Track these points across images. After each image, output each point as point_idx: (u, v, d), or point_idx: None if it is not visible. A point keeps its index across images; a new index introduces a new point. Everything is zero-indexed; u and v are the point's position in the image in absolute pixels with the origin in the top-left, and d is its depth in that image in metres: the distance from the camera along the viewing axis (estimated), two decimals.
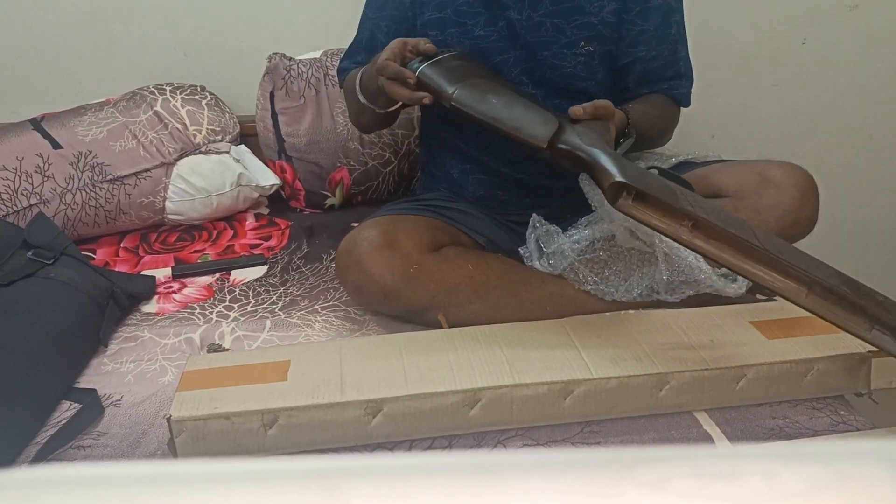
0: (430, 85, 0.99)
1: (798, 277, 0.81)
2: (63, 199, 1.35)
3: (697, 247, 0.83)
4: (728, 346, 0.94)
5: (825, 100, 1.77)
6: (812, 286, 0.80)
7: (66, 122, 1.43)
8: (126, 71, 1.62)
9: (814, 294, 0.81)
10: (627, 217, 0.86)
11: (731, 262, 0.82)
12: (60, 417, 0.92)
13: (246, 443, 0.83)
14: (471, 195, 1.23)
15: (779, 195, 1.04)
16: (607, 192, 0.86)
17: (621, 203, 0.85)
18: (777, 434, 0.88)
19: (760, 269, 0.82)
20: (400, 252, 1.06)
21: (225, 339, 1.09)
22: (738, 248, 0.82)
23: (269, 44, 1.57)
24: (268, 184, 1.49)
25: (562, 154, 0.93)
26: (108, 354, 1.06)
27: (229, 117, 1.53)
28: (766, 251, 0.81)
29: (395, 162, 1.53)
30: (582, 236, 1.11)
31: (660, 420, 0.90)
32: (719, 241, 0.82)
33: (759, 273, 0.82)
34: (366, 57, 1.22)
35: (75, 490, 0.25)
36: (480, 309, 1.07)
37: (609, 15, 1.11)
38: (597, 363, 0.90)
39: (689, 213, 0.82)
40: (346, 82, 1.24)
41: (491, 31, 1.13)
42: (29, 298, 1.04)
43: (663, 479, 0.24)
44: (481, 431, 0.88)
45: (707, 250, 0.83)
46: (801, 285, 0.81)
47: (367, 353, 0.93)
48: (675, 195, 0.84)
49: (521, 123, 0.94)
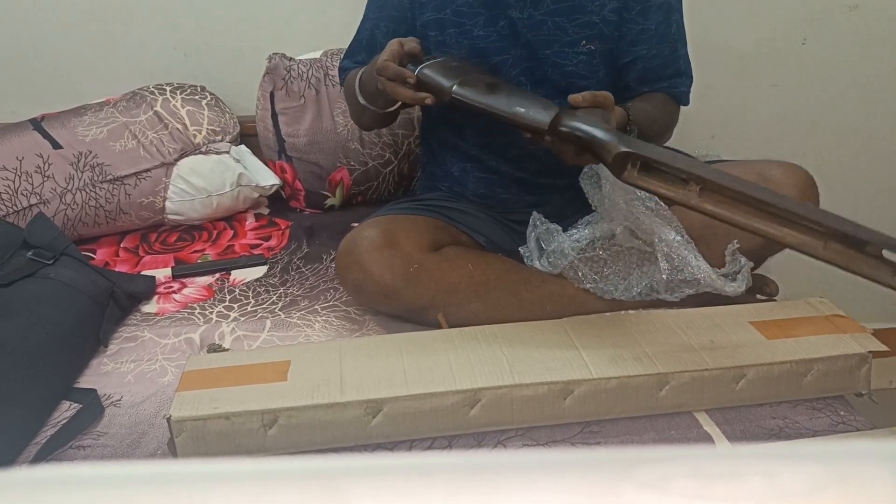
0: (430, 83, 0.99)
1: (813, 231, 0.78)
2: (63, 199, 1.35)
3: (707, 210, 0.82)
4: (728, 346, 0.94)
5: (825, 100, 1.77)
6: (828, 238, 0.78)
7: (66, 122, 1.42)
8: (126, 71, 1.62)
9: (832, 246, 0.78)
10: (629, 214, 0.86)
11: (743, 222, 0.81)
12: (60, 417, 0.92)
13: (246, 443, 0.83)
14: (471, 194, 1.23)
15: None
16: (612, 164, 0.85)
17: (627, 174, 0.85)
18: (777, 434, 0.88)
19: (773, 226, 0.80)
20: (400, 251, 1.06)
21: (225, 339, 1.09)
22: (749, 208, 0.80)
23: (269, 44, 1.57)
24: (268, 184, 1.49)
25: (563, 137, 0.92)
26: (108, 354, 1.06)
27: (229, 117, 1.53)
28: (777, 207, 0.79)
29: (395, 162, 1.53)
30: (582, 235, 1.11)
31: (660, 420, 0.90)
32: (729, 203, 0.81)
33: (773, 231, 0.80)
34: (366, 57, 1.22)
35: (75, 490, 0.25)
36: (480, 308, 1.07)
37: (610, 13, 1.12)
38: (597, 363, 0.90)
39: (697, 177, 0.81)
40: (346, 82, 1.24)
41: (490, 31, 1.13)
42: (29, 298, 1.04)
43: (663, 479, 0.24)
44: (481, 431, 0.88)
45: (717, 213, 0.82)
46: (818, 238, 0.78)
47: (367, 354, 0.93)
48: (680, 160, 0.83)
49: (523, 109, 0.94)
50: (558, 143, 0.94)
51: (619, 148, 0.84)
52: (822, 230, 0.78)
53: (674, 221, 1.05)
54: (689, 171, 0.81)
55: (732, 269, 1.06)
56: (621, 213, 1.07)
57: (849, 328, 0.97)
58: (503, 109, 0.95)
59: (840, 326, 0.98)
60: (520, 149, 1.18)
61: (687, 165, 0.83)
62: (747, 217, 0.81)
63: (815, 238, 0.79)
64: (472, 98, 0.97)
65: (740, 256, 1.05)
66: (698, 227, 1.06)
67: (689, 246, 1.04)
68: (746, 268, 1.06)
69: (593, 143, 0.89)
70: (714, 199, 0.82)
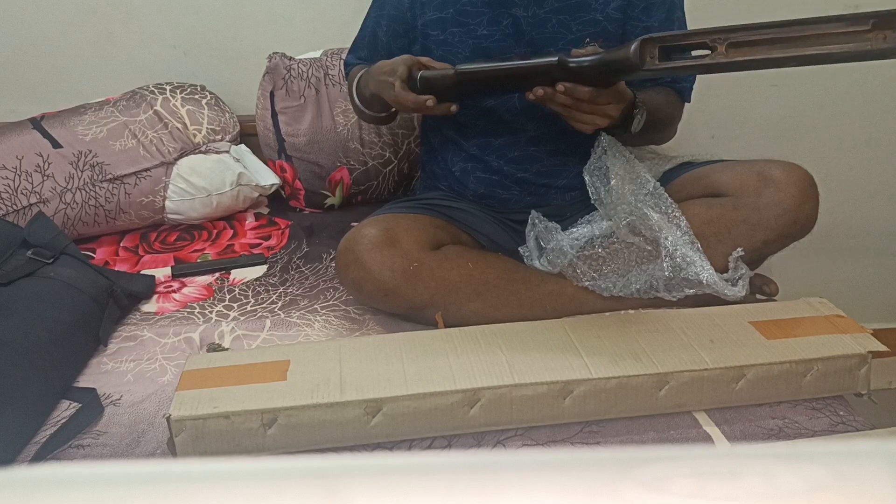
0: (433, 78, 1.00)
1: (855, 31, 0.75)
2: (63, 199, 1.35)
3: (743, 63, 0.80)
4: (727, 346, 0.94)
5: (825, 100, 1.77)
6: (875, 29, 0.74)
7: (66, 121, 1.42)
8: (126, 70, 1.62)
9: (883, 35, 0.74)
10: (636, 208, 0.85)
11: (781, 56, 0.79)
12: (60, 416, 0.92)
13: (245, 442, 0.83)
14: (471, 193, 1.23)
15: (778, 194, 1.04)
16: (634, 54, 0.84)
17: (649, 64, 0.84)
18: (776, 434, 0.88)
19: (814, 48, 0.77)
20: (400, 250, 1.06)
21: (224, 338, 1.09)
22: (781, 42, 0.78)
23: (269, 43, 1.58)
24: (267, 183, 1.49)
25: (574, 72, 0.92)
26: (107, 354, 1.06)
27: (229, 117, 1.53)
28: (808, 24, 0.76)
29: (395, 162, 1.53)
30: (581, 233, 1.11)
31: (659, 420, 0.90)
32: (761, 46, 0.79)
33: (817, 51, 0.77)
34: (367, 54, 1.23)
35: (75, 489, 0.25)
36: (480, 307, 1.07)
37: (614, 11, 1.12)
38: (596, 363, 0.90)
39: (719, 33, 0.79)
40: (347, 79, 1.25)
41: (494, 30, 1.13)
42: (28, 297, 1.04)
43: (663, 479, 0.24)
44: (481, 431, 0.88)
45: (754, 60, 0.80)
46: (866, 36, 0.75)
47: (366, 353, 0.93)
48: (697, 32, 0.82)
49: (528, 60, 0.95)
50: (572, 89, 0.93)
51: (634, 42, 0.84)
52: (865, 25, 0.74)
53: (678, 218, 1.05)
54: (709, 31, 0.80)
55: (734, 275, 1.06)
56: (627, 206, 1.07)
57: (848, 328, 0.97)
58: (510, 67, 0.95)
59: (839, 326, 0.98)
60: (521, 150, 1.18)
61: (704, 30, 0.81)
62: (784, 50, 0.78)
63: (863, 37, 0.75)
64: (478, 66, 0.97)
65: (742, 265, 1.06)
66: (697, 225, 1.06)
67: (695, 245, 1.04)
68: (747, 276, 1.06)
69: (606, 59, 0.89)
70: (743, 50, 0.80)
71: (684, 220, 1.05)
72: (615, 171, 1.09)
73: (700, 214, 1.07)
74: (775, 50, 0.78)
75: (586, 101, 0.95)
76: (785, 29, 0.77)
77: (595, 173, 1.13)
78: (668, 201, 1.06)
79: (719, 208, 1.07)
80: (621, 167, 1.10)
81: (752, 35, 0.79)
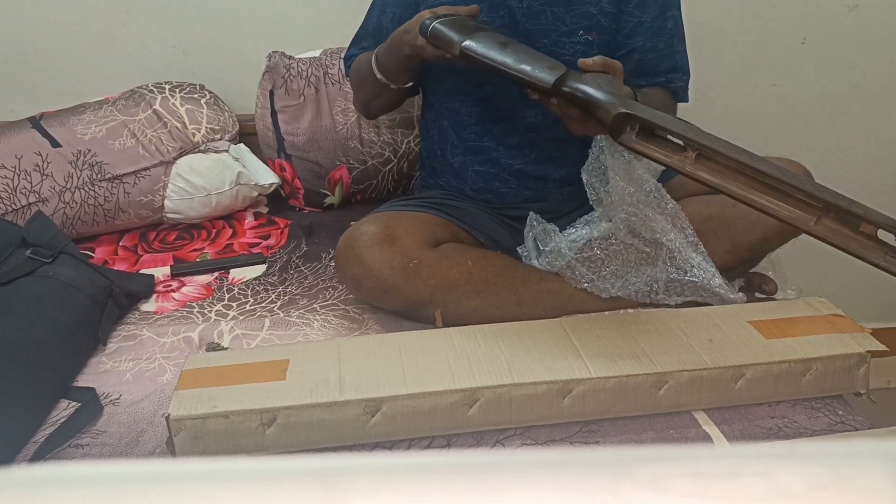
0: (442, 37, 1.00)
1: (807, 205, 0.78)
2: (62, 198, 1.35)
3: (702, 178, 0.81)
4: (727, 345, 0.94)
5: (825, 100, 1.77)
6: (822, 213, 0.77)
7: (65, 120, 1.42)
8: (125, 69, 1.62)
9: (824, 222, 0.77)
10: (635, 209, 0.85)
11: (737, 192, 0.80)
12: (59, 416, 0.92)
13: (245, 442, 0.83)
14: (470, 187, 1.23)
15: None
16: (611, 126, 0.85)
17: (625, 137, 0.85)
18: (775, 434, 0.88)
19: (767, 198, 0.80)
20: (399, 247, 1.06)
21: (224, 337, 1.09)
22: (744, 177, 0.80)
23: (268, 42, 1.57)
24: (267, 182, 1.49)
25: (566, 98, 0.92)
26: (106, 353, 1.06)
27: (228, 116, 1.53)
28: (772, 178, 0.78)
29: (394, 161, 1.53)
30: (579, 235, 1.11)
31: (658, 420, 0.90)
32: (724, 172, 0.80)
33: (766, 202, 0.79)
34: (372, 43, 1.23)
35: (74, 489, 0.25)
36: (479, 305, 1.07)
37: (608, 5, 1.13)
38: (595, 363, 0.90)
39: (693, 143, 0.80)
40: (355, 67, 1.24)
41: (491, 19, 1.14)
42: (28, 297, 1.04)
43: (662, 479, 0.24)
44: (480, 431, 0.88)
45: (712, 181, 0.81)
46: (811, 213, 0.78)
47: (365, 353, 0.93)
48: (678, 125, 0.83)
49: (529, 67, 0.94)
50: (564, 106, 0.94)
51: (617, 109, 0.84)
52: (817, 205, 0.78)
53: (681, 218, 1.05)
54: (686, 136, 0.80)
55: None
56: (626, 207, 1.07)
57: (847, 328, 0.97)
58: (509, 66, 0.95)
59: (839, 326, 0.98)
60: (519, 136, 1.18)
61: (684, 130, 0.82)
62: (741, 187, 0.80)
63: (809, 213, 0.78)
64: (480, 53, 0.97)
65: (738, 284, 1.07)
66: (696, 223, 1.06)
67: (698, 247, 1.04)
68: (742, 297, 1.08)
69: (593, 105, 0.89)
70: (709, 166, 0.81)
71: (687, 221, 1.05)
72: (614, 171, 1.09)
73: (699, 212, 1.07)
74: (735, 184, 0.80)
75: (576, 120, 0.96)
76: (752, 170, 0.79)
77: (593, 173, 1.13)
78: (669, 202, 1.06)
79: (718, 205, 1.08)
80: (620, 166, 1.10)
81: (721, 158, 0.80)
